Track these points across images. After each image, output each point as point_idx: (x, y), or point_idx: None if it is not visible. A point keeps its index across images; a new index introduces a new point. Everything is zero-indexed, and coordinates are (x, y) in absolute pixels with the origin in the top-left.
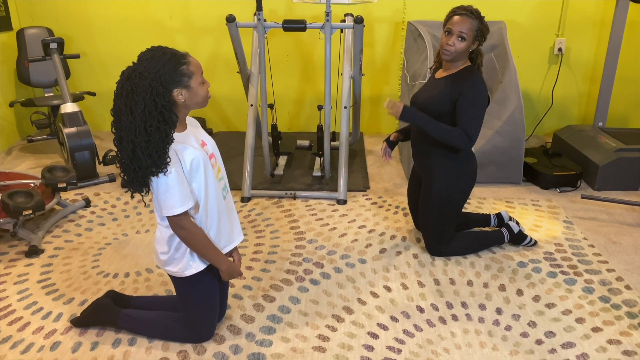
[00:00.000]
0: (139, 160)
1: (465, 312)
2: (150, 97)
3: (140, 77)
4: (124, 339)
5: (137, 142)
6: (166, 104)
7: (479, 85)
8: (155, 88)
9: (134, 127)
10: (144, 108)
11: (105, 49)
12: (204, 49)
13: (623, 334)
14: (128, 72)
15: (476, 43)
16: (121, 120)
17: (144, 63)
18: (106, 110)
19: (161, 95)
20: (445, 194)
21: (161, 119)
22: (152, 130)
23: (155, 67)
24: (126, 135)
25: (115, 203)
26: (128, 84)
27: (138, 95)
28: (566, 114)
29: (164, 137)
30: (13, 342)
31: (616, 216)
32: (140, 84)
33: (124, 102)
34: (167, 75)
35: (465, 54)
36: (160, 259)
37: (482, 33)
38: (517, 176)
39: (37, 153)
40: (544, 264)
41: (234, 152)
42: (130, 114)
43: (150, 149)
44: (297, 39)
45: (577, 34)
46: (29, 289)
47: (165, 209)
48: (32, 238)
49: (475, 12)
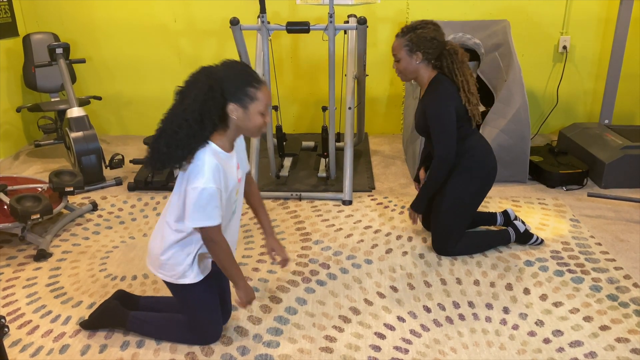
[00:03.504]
0: (158, 141)
1: (472, 312)
2: (203, 96)
3: (207, 75)
4: (132, 341)
5: (168, 127)
6: (214, 110)
7: (438, 100)
8: (214, 91)
9: (175, 111)
10: (191, 101)
11: (110, 54)
12: (208, 52)
13: (631, 332)
14: (206, 67)
15: (418, 54)
16: (172, 108)
17: (220, 66)
18: (112, 114)
19: (214, 100)
20: (459, 194)
21: (199, 119)
22: (185, 123)
23: (227, 73)
24: (168, 115)
25: (122, 206)
26: (197, 74)
27: (195, 88)
28: (572, 111)
29: (190, 136)
30: (23, 346)
31: (623, 214)
32: (203, 80)
33: (184, 87)
34: (231, 86)
35: (415, 70)
36: (154, 262)
37: (415, 43)
38: (523, 175)
39: (44, 157)
40: (550, 263)
41: None
42: (180, 100)
43: (173, 138)
44: (301, 41)
45: (581, 31)
46: (37, 293)
47: (202, 220)
48: (40, 242)
49: (406, 28)
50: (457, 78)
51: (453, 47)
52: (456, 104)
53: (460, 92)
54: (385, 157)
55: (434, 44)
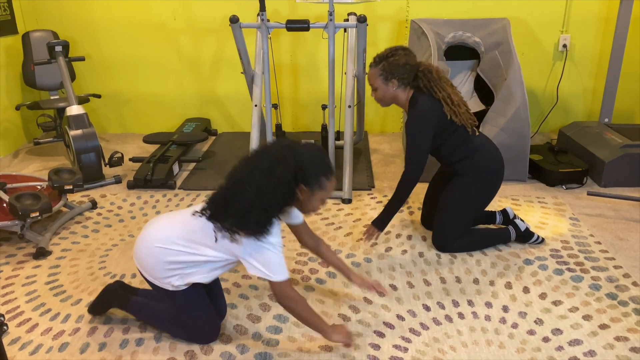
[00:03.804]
0: (239, 199)
1: (472, 310)
2: (290, 177)
3: (294, 157)
4: (131, 340)
5: (251, 191)
6: (291, 188)
7: (414, 118)
8: (299, 173)
9: (259, 181)
10: (278, 179)
11: (109, 51)
12: (208, 49)
13: (630, 331)
14: (291, 143)
15: (393, 81)
16: (253, 170)
17: (305, 149)
18: (111, 112)
19: (296, 183)
20: (467, 194)
21: (281, 199)
22: (270, 197)
23: (310, 160)
24: (247, 183)
25: (121, 204)
26: (283, 151)
27: (282, 166)
28: (571, 110)
29: (270, 208)
30: (22, 344)
31: (623, 212)
32: (291, 161)
33: (268, 160)
34: (311, 172)
35: (393, 96)
36: (144, 265)
37: (390, 71)
38: (523, 173)
39: (43, 155)
40: (550, 261)
41: (238, 153)
42: (263, 170)
43: (257, 206)
44: (301, 39)
45: (581, 30)
46: (37, 291)
47: (276, 275)
48: (40, 240)
49: (378, 57)
50: (438, 94)
51: (426, 66)
52: (439, 117)
53: (444, 107)
54: (385, 156)
55: (407, 69)
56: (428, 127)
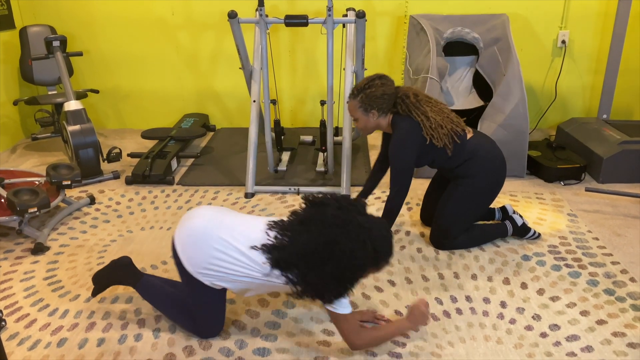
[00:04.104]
0: (316, 271)
1: (470, 306)
2: (365, 262)
3: (371, 240)
4: (129, 335)
5: (326, 276)
6: (366, 270)
7: (396, 142)
8: (374, 258)
9: (336, 264)
10: (357, 267)
11: (107, 47)
12: (206, 45)
13: (628, 327)
14: (366, 229)
15: (373, 112)
16: (333, 252)
17: (378, 230)
18: (109, 107)
19: (369, 265)
20: (469, 195)
21: (356, 277)
22: (344, 280)
23: (383, 245)
24: (323, 262)
25: (119, 200)
26: (360, 234)
27: (362, 252)
28: (570, 106)
29: (344, 289)
30: (20, 339)
31: (621, 209)
32: (370, 246)
33: (349, 243)
34: (382, 258)
35: (374, 125)
36: (188, 252)
37: (369, 103)
38: (521, 169)
39: (41, 151)
40: (548, 257)
41: (237, 148)
42: (345, 257)
43: (324, 284)
44: (299, 34)
45: (580, 26)
46: (35, 286)
47: (342, 309)
48: (38, 235)
49: (356, 90)
50: (417, 118)
51: (404, 92)
52: (421, 137)
53: (423, 131)
54: None
55: (385, 99)
56: (409, 149)
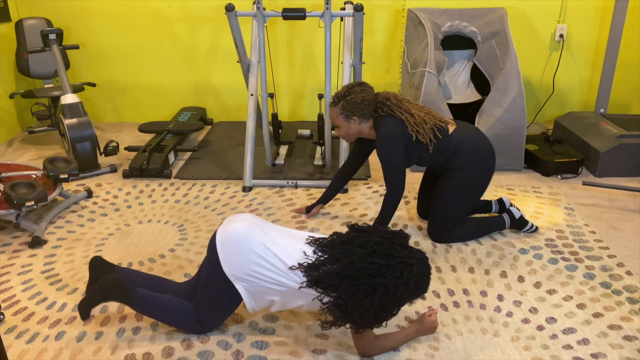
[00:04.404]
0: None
1: (467, 299)
2: (405, 298)
3: (413, 277)
4: (127, 328)
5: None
6: (402, 303)
7: (382, 142)
8: (412, 295)
9: (378, 299)
10: (397, 301)
11: (104, 40)
12: (203, 38)
13: (624, 319)
14: (410, 266)
15: (354, 118)
16: (380, 281)
17: (420, 267)
18: (106, 100)
19: (408, 300)
20: (460, 186)
21: (394, 310)
22: (384, 314)
23: (421, 282)
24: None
25: (117, 193)
26: (405, 271)
27: (403, 289)
28: (567, 100)
29: (381, 320)
30: (18, 332)
31: (617, 202)
32: (412, 283)
33: (395, 279)
34: (419, 294)
35: (357, 131)
36: (229, 257)
37: (349, 110)
38: (519, 163)
39: (38, 144)
40: (545, 251)
41: (234, 142)
42: (390, 290)
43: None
44: (297, 28)
45: (578, 20)
46: (32, 280)
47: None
48: (35, 229)
49: (336, 97)
50: (401, 116)
51: (384, 96)
52: (406, 133)
53: (407, 128)
54: None
55: (365, 104)
56: (396, 144)
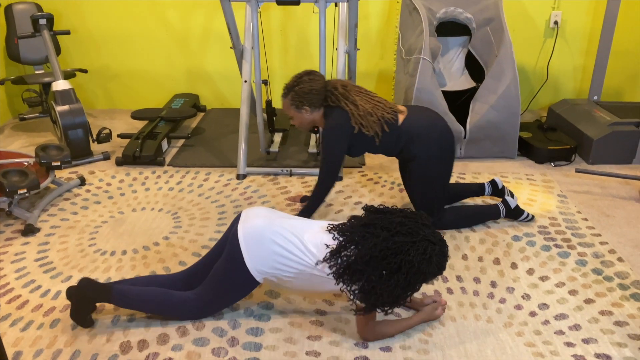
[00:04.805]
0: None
1: (460, 286)
2: (428, 275)
3: (437, 255)
4: (122, 316)
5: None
6: (423, 281)
7: (327, 133)
8: (435, 273)
9: (404, 275)
10: (421, 276)
11: (95, 25)
12: (196, 23)
13: (615, 305)
14: (437, 241)
15: (305, 108)
16: (404, 258)
17: (441, 247)
18: (98, 87)
19: (428, 279)
20: (423, 172)
21: (416, 286)
22: (405, 292)
23: (443, 263)
24: (390, 273)
25: (110, 181)
26: (431, 248)
27: (426, 265)
28: (561, 87)
29: (402, 301)
30: (12, 320)
31: (610, 190)
32: (434, 261)
33: (419, 256)
34: (438, 274)
35: (310, 120)
36: (252, 249)
37: (299, 100)
38: (512, 151)
39: (29, 131)
40: (538, 238)
41: (228, 130)
42: (414, 267)
43: (380, 292)
44: (291, 14)
45: (573, 6)
46: (26, 267)
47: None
48: (28, 217)
49: (286, 88)
50: (346, 107)
51: (332, 85)
52: (352, 127)
53: (351, 120)
54: None
55: (314, 94)
56: (339, 139)
